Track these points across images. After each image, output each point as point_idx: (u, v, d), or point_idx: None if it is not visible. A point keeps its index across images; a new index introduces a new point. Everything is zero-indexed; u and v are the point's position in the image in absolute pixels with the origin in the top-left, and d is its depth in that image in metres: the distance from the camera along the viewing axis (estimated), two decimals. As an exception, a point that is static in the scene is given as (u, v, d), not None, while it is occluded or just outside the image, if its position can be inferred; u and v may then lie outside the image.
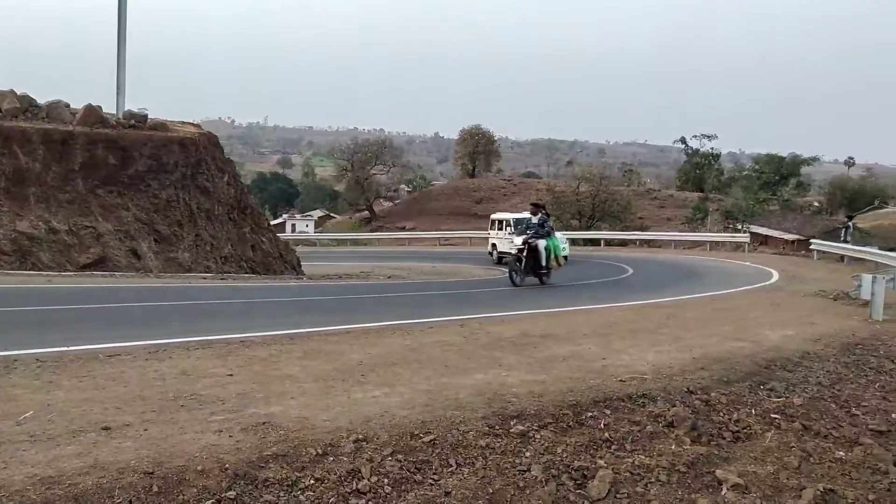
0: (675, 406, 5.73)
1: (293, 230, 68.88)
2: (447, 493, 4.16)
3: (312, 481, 3.95)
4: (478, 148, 72.86)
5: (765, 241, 38.15)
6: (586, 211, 42.90)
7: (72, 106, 18.36)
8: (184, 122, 21.21)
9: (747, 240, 32.38)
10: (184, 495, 3.61)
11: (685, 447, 5.20)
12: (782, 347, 7.96)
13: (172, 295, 11.83)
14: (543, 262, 17.80)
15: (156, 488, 3.61)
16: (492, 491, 4.28)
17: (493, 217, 31.43)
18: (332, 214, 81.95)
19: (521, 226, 28.92)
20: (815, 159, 67.01)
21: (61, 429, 4.23)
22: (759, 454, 5.36)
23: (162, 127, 18.80)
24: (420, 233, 48.92)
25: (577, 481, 4.57)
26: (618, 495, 4.53)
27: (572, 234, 38.00)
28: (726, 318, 9.98)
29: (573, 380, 6.03)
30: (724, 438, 5.50)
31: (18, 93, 17.40)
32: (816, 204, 61.00)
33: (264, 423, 4.49)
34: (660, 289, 15.32)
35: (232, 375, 5.58)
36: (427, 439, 4.55)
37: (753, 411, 6.01)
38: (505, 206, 61.22)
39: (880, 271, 12.24)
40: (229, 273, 17.46)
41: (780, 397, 6.39)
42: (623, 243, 36.97)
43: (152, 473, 3.71)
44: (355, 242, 47.51)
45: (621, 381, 6.12)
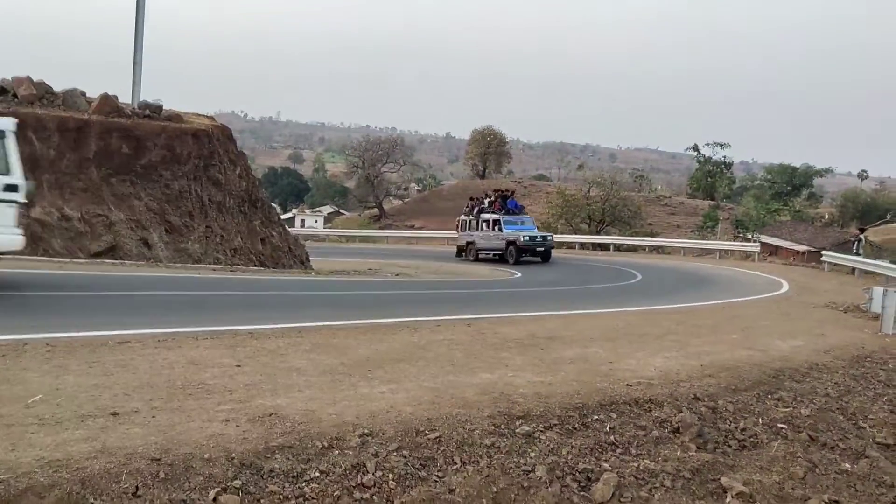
0: (681, 412, 5.72)
1: (302, 225, 68.97)
2: (451, 491, 4.16)
3: (317, 474, 3.96)
4: (489, 149, 72.76)
5: (775, 251, 37.92)
6: (596, 216, 42.75)
7: (88, 94, 18.46)
8: (198, 115, 21.24)
9: (757, 249, 32.20)
10: (190, 483, 3.63)
11: (690, 453, 5.19)
12: (791, 358, 7.93)
13: (182, 285, 11.86)
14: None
15: (162, 475, 3.62)
16: (496, 490, 4.28)
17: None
18: (341, 211, 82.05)
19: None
20: (828, 171, 66.76)
21: (70, 413, 4.25)
22: (765, 463, 5.35)
23: (176, 118, 18.83)
24: (428, 232, 48.84)
25: (582, 483, 4.57)
26: (621, 499, 4.53)
27: (581, 239, 37.93)
28: (735, 327, 9.94)
29: (580, 383, 6.02)
30: (730, 446, 5.50)
31: (35, 80, 17.48)
32: (828, 216, 60.69)
33: (271, 415, 4.50)
34: (668, 295, 15.26)
35: (240, 366, 5.60)
36: (432, 436, 4.56)
37: (760, 420, 6.01)
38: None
39: (892, 285, 12.16)
40: (238, 265, 17.48)
41: (787, 407, 6.38)
42: (632, 249, 36.82)
43: (159, 460, 3.73)
44: (364, 239, 47.51)
45: (628, 385, 6.11)
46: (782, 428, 5.96)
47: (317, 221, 72.39)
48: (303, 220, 73.66)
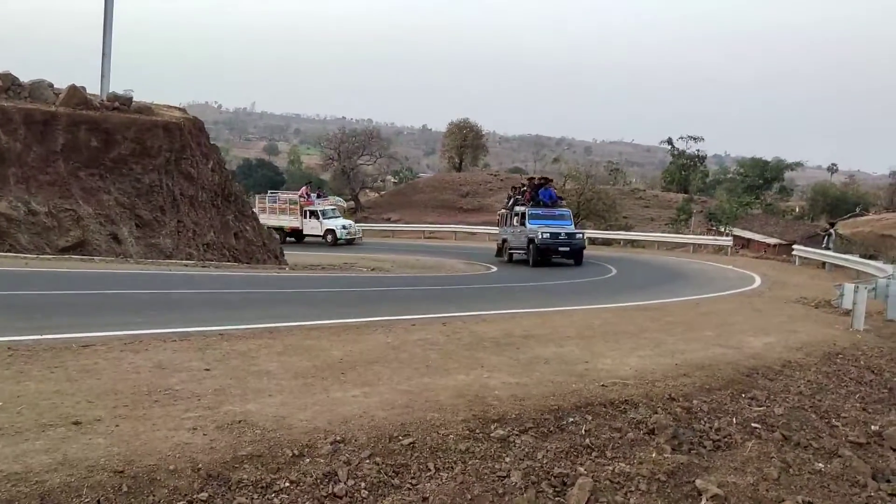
0: (656, 413, 5.70)
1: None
2: (425, 499, 4.09)
3: (287, 484, 3.87)
4: (465, 142, 72.57)
5: (746, 244, 38.30)
6: (571, 209, 42.87)
7: (56, 86, 18.07)
8: (169, 107, 20.90)
9: (730, 243, 32.51)
10: (154, 496, 3.52)
11: (665, 455, 5.16)
12: (764, 355, 7.96)
13: (152, 282, 11.66)
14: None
15: (125, 488, 3.51)
16: (470, 497, 4.21)
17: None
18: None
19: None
20: (799, 164, 67.60)
21: (30, 422, 4.12)
22: (740, 464, 5.34)
23: (146, 110, 18.51)
24: (405, 225, 48.67)
25: (557, 488, 4.52)
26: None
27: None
28: (709, 323, 9.97)
29: (555, 383, 5.98)
30: (705, 447, 5.48)
31: (0, 71, 17.09)
32: (798, 209, 61.46)
33: (240, 422, 4.40)
34: (643, 290, 15.31)
35: (209, 370, 5.48)
36: (406, 442, 4.49)
37: (734, 420, 6.00)
38: (491, 200, 61.14)
39: (861, 281, 12.29)
40: (211, 261, 17.26)
41: (761, 406, 6.38)
42: (607, 242, 36.99)
43: (122, 472, 3.61)
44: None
45: (603, 385, 6.08)
46: (756, 427, 5.96)
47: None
48: (278, 213, 73.03)
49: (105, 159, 16.69)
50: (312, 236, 34.82)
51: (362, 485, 4.02)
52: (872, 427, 6.68)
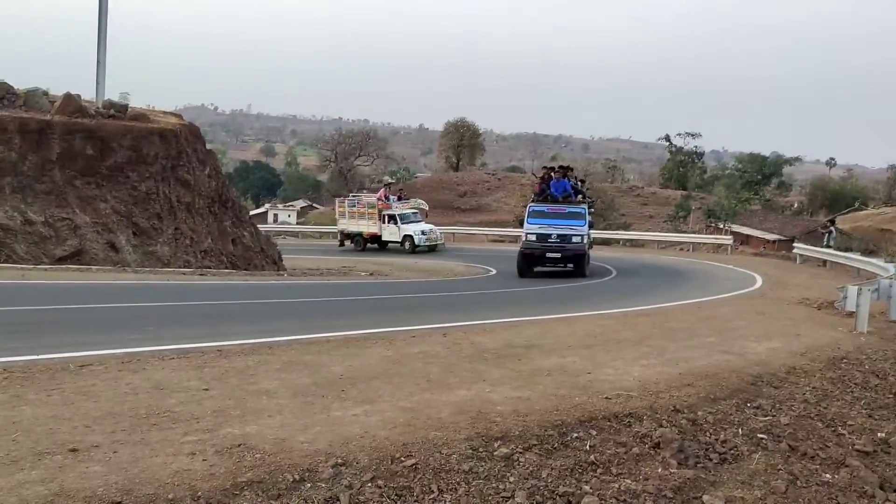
0: (661, 426, 5.62)
1: (275, 220, 68.41)
2: (429, 524, 4.02)
3: (288, 511, 3.79)
4: (462, 141, 72.63)
5: (746, 240, 38.35)
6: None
7: (51, 93, 18.00)
8: (165, 113, 20.85)
9: (730, 241, 32.46)
10: (152, 528, 3.44)
11: (672, 470, 5.09)
12: (768, 361, 7.88)
13: (148, 294, 11.58)
14: None
15: (123, 520, 3.44)
16: (474, 520, 4.14)
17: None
18: (314, 205, 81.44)
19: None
20: (797, 159, 67.69)
21: (26, 450, 4.04)
22: (747, 477, 5.27)
23: (142, 117, 18.44)
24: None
25: (563, 509, 4.45)
26: (603, 524, 4.42)
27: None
28: (711, 328, 9.89)
29: (558, 397, 5.90)
30: (711, 460, 5.41)
31: (-6, 80, 17.01)
32: (797, 204, 61.49)
33: (240, 445, 4.32)
34: (644, 294, 15.24)
35: (207, 390, 5.40)
36: (409, 463, 4.41)
37: (740, 431, 5.93)
38: (488, 200, 61.04)
39: (865, 282, 12.22)
40: (209, 268, 17.19)
41: (766, 416, 6.31)
42: (606, 242, 36.94)
43: (120, 503, 3.54)
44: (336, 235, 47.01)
45: (607, 398, 6.00)
46: (762, 438, 5.89)
47: (290, 216, 71.89)
48: (276, 215, 73.09)
49: (101, 167, 16.63)
50: (392, 242, 32.93)
51: (365, 510, 3.95)
52: (879, 434, 6.62)
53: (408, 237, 32.00)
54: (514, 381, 6.29)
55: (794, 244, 28.74)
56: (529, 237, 19.98)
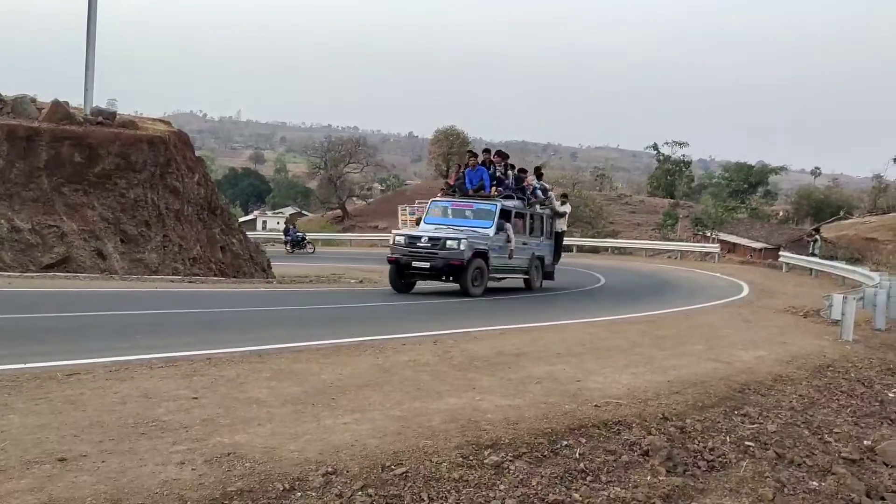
0: (650, 434, 5.66)
1: (264, 227, 68.24)
2: (419, 533, 4.02)
3: (278, 521, 3.79)
4: (452, 149, 72.66)
5: (733, 248, 38.59)
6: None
7: (39, 100, 17.93)
8: (154, 120, 20.80)
9: (717, 250, 32.67)
10: (141, 539, 3.43)
11: (660, 478, 5.12)
12: (755, 370, 7.95)
13: (136, 302, 11.51)
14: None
15: (111, 530, 3.42)
16: (464, 529, 4.15)
17: None
18: (303, 212, 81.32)
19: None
20: (783, 168, 68.30)
21: (14, 459, 4.01)
22: (734, 485, 5.31)
23: (131, 125, 18.39)
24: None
25: (552, 517, 4.47)
26: (593, 532, 4.44)
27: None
28: (699, 336, 9.96)
29: (548, 405, 5.93)
30: (700, 468, 5.45)
31: (-19, 86, 16.95)
32: (783, 213, 61.93)
33: (229, 454, 4.31)
34: (632, 301, 15.31)
35: (197, 398, 5.38)
36: (399, 471, 4.41)
37: (728, 439, 5.98)
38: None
39: (850, 291, 12.35)
40: (198, 275, 17.12)
41: (754, 424, 6.37)
42: (594, 250, 37.09)
43: (109, 513, 3.52)
44: (327, 243, 47.10)
45: (596, 406, 6.04)
46: (750, 446, 5.94)
47: (279, 223, 71.70)
48: (264, 222, 72.91)
49: (89, 174, 16.55)
50: None
51: (355, 519, 3.95)
52: (865, 442, 6.69)
53: None
54: (504, 389, 6.31)
55: (781, 253, 28.98)
56: (398, 240, 15.27)
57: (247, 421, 4.96)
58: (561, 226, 18.67)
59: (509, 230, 15.68)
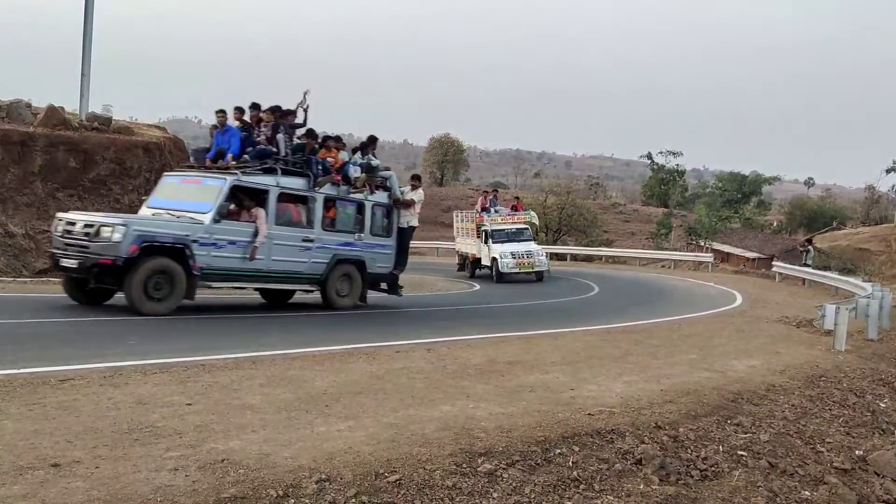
0: (643, 442, 5.67)
1: (258, 234, 67.88)
2: (412, 540, 4.03)
3: (272, 528, 3.79)
4: (447, 156, 72.93)
5: (726, 258, 38.76)
6: (553, 224, 43.06)
7: (34, 105, 17.91)
8: (149, 126, 20.80)
9: (711, 259, 32.80)
10: (135, 545, 3.43)
11: (653, 487, 5.14)
12: (748, 379, 7.98)
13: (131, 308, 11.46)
14: None
15: (105, 537, 3.42)
16: (458, 537, 4.16)
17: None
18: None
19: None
20: (776, 179, 68.69)
21: (8, 465, 4.01)
22: (727, 494, 5.33)
23: (126, 130, 18.37)
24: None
25: (545, 526, 4.48)
26: (586, 541, 4.45)
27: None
28: (692, 346, 10.00)
29: (541, 413, 5.94)
30: (692, 477, 5.46)
31: (-24, 90, 16.94)
32: (776, 223, 62.23)
33: (223, 461, 4.31)
34: (626, 310, 15.34)
35: (191, 405, 5.38)
36: (392, 479, 4.41)
37: (721, 448, 5.99)
38: (472, 215, 61.14)
39: (842, 301, 12.41)
40: (191, 281, 17.07)
41: (746, 433, 6.38)
42: (588, 258, 37.18)
43: (101, 519, 3.52)
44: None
45: (590, 414, 6.05)
46: (742, 455, 5.96)
47: (273, 230, 71.26)
48: (258, 229, 72.53)
49: (84, 180, 16.54)
50: (485, 267, 25.67)
51: (348, 526, 3.95)
52: (857, 452, 6.73)
53: (494, 260, 24.63)
54: (497, 398, 6.32)
55: (774, 262, 29.11)
56: (57, 228, 10.85)
57: (240, 427, 4.96)
58: (409, 220, 14.15)
59: (259, 218, 11.34)
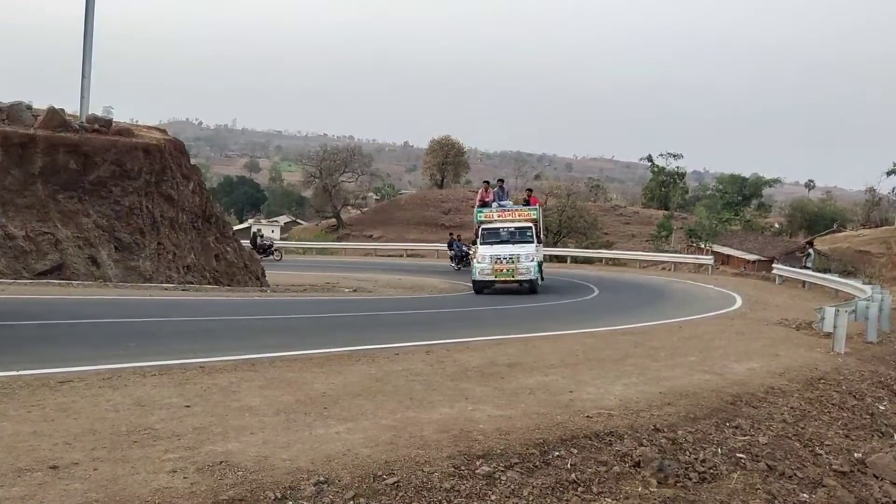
0: (642, 445, 5.67)
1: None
2: (410, 542, 4.03)
3: (270, 530, 3.79)
4: (447, 158, 72.76)
5: (726, 260, 38.69)
6: (553, 227, 43.01)
7: (34, 107, 17.90)
8: (149, 128, 20.80)
9: (711, 262, 32.75)
10: (133, 547, 3.43)
11: (652, 489, 5.13)
12: (747, 381, 7.97)
13: (131, 310, 11.48)
14: None
15: (103, 539, 3.42)
16: (456, 539, 4.16)
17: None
18: (298, 221, 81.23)
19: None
20: (777, 181, 68.55)
21: (7, 466, 4.02)
22: (725, 497, 5.32)
23: (126, 132, 18.37)
24: (387, 243, 48.47)
25: (544, 528, 4.47)
26: (584, 543, 4.44)
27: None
28: (692, 348, 9.98)
29: (540, 415, 5.94)
30: (691, 479, 5.45)
31: (-23, 92, 16.95)
32: (777, 225, 62.14)
33: (221, 463, 4.31)
34: (625, 312, 15.33)
35: (189, 407, 5.38)
36: (391, 481, 4.42)
37: (719, 450, 5.99)
38: (472, 217, 61.09)
39: (842, 304, 12.39)
40: (192, 283, 17.10)
41: (745, 436, 6.38)
42: (589, 260, 37.14)
43: (99, 521, 3.53)
44: (322, 251, 47.06)
45: (588, 417, 6.05)
46: (741, 458, 5.95)
47: (273, 231, 71.64)
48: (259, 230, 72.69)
49: (84, 182, 16.53)
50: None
51: (347, 529, 3.95)
52: (856, 454, 6.72)
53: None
54: (496, 400, 6.32)
55: (774, 265, 29.06)
56: None
57: (239, 429, 4.96)
58: None
59: None
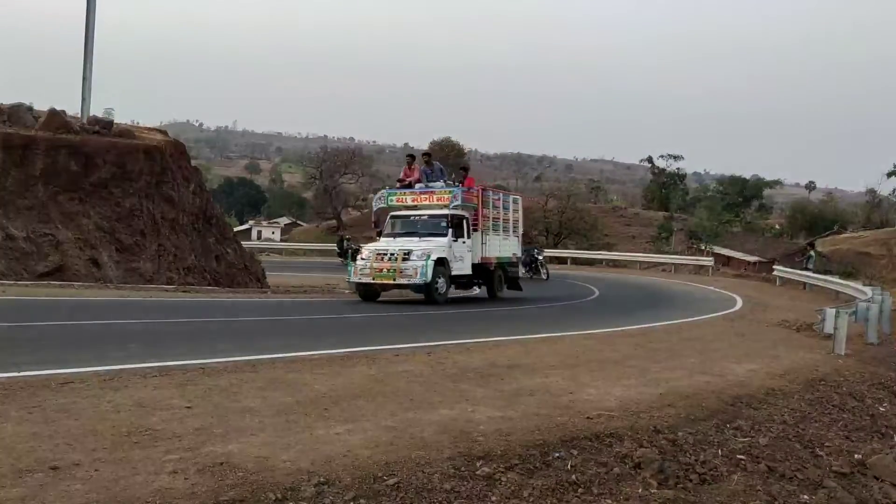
0: (642, 446, 5.67)
1: (259, 237, 68.23)
2: (410, 544, 4.03)
3: (270, 532, 3.79)
4: (447, 160, 72.79)
5: (727, 262, 38.77)
6: (553, 228, 43.07)
7: (35, 109, 17.95)
8: (150, 129, 20.85)
9: (711, 263, 32.79)
10: (133, 548, 3.44)
11: (652, 491, 5.14)
12: (748, 383, 7.97)
13: (132, 311, 11.50)
14: None
15: (103, 540, 3.43)
16: (456, 540, 4.16)
17: None
18: (298, 222, 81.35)
19: None
20: (777, 182, 68.68)
21: (7, 468, 4.02)
22: (726, 498, 5.33)
23: (127, 134, 18.42)
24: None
25: (544, 529, 4.48)
26: (584, 544, 4.45)
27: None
28: (692, 349, 9.98)
29: (540, 416, 5.94)
30: (691, 481, 5.46)
31: (-22, 94, 17.00)
32: (777, 227, 62.21)
33: (222, 464, 4.31)
34: (626, 314, 15.34)
35: (190, 407, 5.39)
36: (391, 482, 4.42)
37: (720, 452, 5.99)
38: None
39: (842, 305, 12.40)
40: (192, 285, 17.12)
41: (745, 437, 6.38)
42: (589, 262, 37.17)
43: (100, 522, 3.53)
44: (322, 253, 47.11)
45: (588, 418, 6.05)
46: (741, 459, 5.96)
47: (274, 233, 71.72)
48: (259, 232, 72.89)
49: (85, 183, 16.57)
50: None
51: (347, 530, 3.96)
52: (856, 456, 6.72)
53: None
54: (496, 401, 6.32)
55: (774, 266, 29.09)
56: None
57: (240, 430, 4.97)
58: None
59: None
